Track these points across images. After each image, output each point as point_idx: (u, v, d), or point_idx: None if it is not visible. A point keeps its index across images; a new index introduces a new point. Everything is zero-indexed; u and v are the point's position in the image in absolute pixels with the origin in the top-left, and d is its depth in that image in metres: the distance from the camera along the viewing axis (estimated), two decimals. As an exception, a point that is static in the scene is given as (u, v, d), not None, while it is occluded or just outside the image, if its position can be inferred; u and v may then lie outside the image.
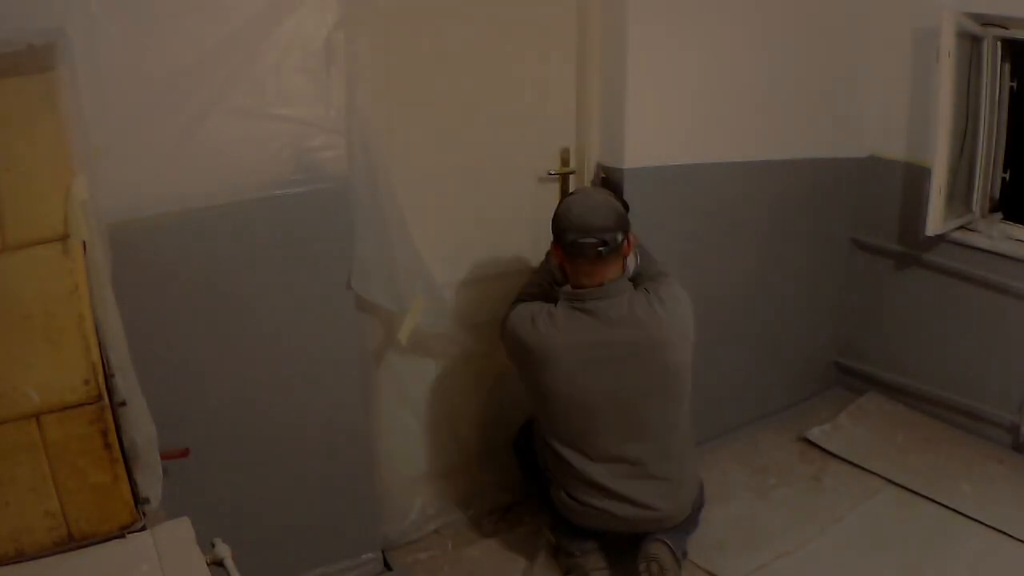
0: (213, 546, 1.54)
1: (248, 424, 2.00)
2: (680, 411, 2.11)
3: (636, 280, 2.14)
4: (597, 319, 2.03)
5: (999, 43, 2.76)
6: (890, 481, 2.68)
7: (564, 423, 2.09)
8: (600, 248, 1.98)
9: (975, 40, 2.74)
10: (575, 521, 2.17)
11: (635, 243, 2.14)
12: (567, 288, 2.08)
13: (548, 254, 2.24)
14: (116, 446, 1.33)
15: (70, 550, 1.31)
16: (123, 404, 1.38)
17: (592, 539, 2.21)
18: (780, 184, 2.87)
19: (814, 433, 2.96)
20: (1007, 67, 2.83)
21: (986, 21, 2.69)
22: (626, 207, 2.13)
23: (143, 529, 1.36)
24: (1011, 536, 2.36)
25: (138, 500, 1.38)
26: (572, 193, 2.11)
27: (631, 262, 2.13)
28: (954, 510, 2.50)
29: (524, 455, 2.37)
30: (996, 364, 2.86)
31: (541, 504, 2.37)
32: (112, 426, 1.33)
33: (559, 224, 2.04)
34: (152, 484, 1.41)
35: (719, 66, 2.58)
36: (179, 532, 1.36)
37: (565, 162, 2.54)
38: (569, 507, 2.15)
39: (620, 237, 2.01)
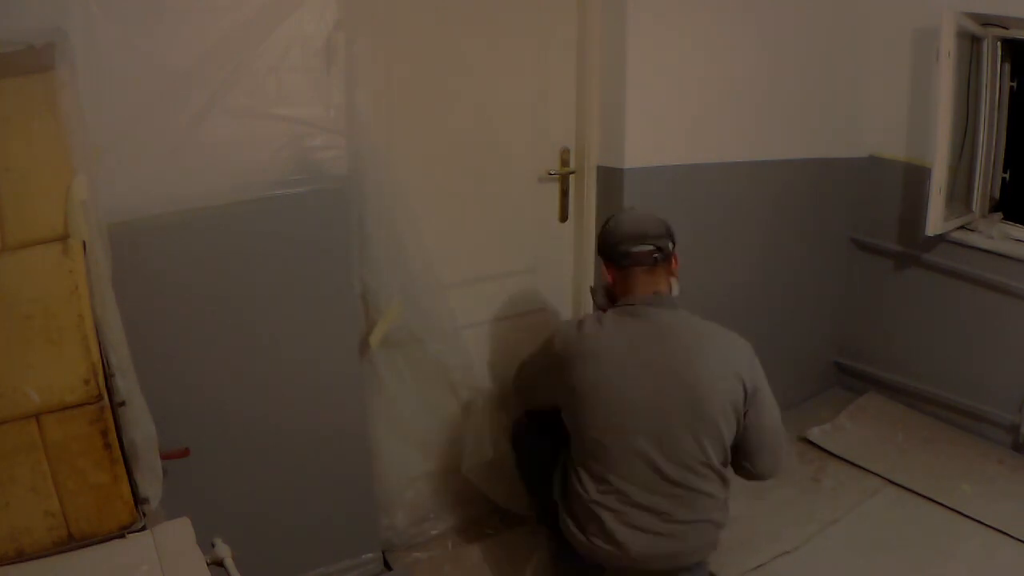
0: (213, 546, 1.54)
1: (248, 424, 2.00)
2: (714, 448, 1.91)
3: None
4: (646, 324, 1.96)
5: (999, 43, 2.77)
6: (890, 481, 2.68)
7: (594, 432, 1.94)
8: (655, 255, 1.99)
9: (975, 40, 2.74)
10: (580, 550, 2.00)
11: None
12: (620, 302, 2.03)
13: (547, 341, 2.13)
14: (116, 446, 1.33)
15: (70, 550, 1.31)
16: (123, 404, 1.38)
17: None
18: (780, 184, 2.87)
19: (814, 433, 2.96)
20: (1007, 67, 2.83)
21: (986, 21, 2.70)
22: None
23: (143, 529, 1.36)
24: (1011, 536, 2.36)
25: (138, 500, 1.38)
26: (613, 215, 2.08)
27: (675, 286, 2.10)
28: (954, 510, 2.50)
29: (525, 454, 2.29)
30: (996, 364, 2.86)
31: (548, 531, 2.22)
32: (112, 426, 1.33)
33: (611, 239, 2.03)
34: (152, 484, 1.42)
35: (719, 66, 2.59)
36: (179, 532, 1.36)
37: (565, 162, 2.54)
38: (576, 539, 1.99)
39: (670, 246, 2.03)
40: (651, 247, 1.99)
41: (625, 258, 1.99)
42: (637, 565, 1.94)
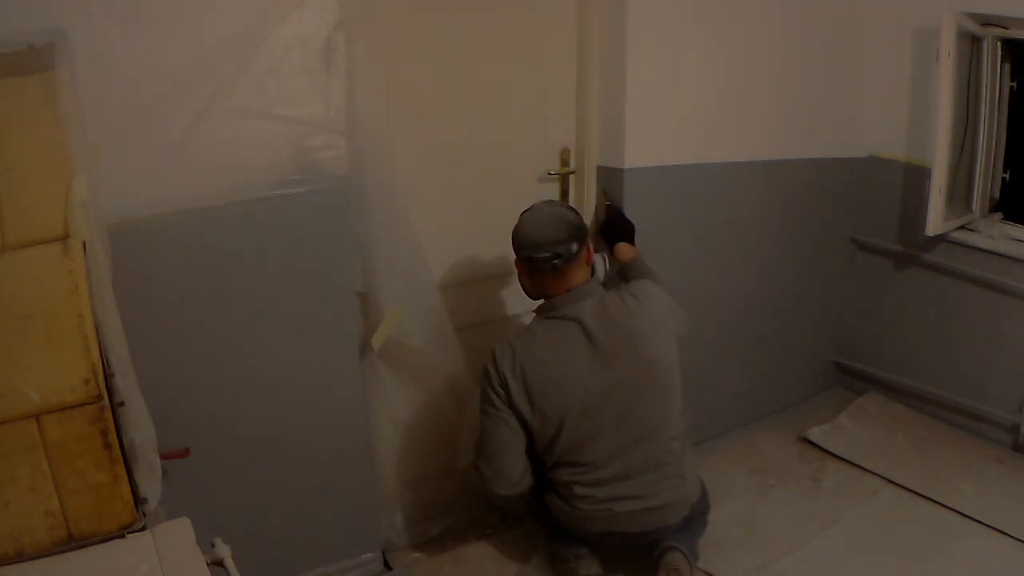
0: (213, 546, 1.54)
1: (248, 424, 2.00)
2: (670, 405, 2.10)
3: (611, 284, 2.24)
4: (573, 323, 2.07)
5: (999, 43, 2.77)
6: (890, 481, 2.68)
7: (561, 437, 2.06)
8: (555, 261, 2.05)
9: (975, 40, 2.74)
10: (574, 528, 2.15)
11: (603, 251, 2.27)
12: (541, 302, 2.15)
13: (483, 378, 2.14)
14: (116, 446, 1.34)
15: (70, 550, 1.31)
16: (122, 404, 1.38)
17: (584, 545, 2.18)
18: (780, 184, 2.87)
19: (814, 433, 2.96)
20: (1007, 67, 2.83)
21: (986, 21, 2.69)
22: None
23: (143, 529, 1.37)
24: (1011, 536, 2.36)
25: (138, 500, 1.38)
26: (528, 209, 2.14)
27: (599, 266, 2.22)
28: (954, 510, 2.50)
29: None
30: (996, 364, 2.86)
31: (536, 513, 2.34)
32: (112, 426, 1.33)
33: (515, 242, 2.11)
34: (151, 484, 1.42)
35: (719, 66, 2.58)
36: (179, 532, 1.36)
37: (565, 162, 2.54)
38: (567, 513, 2.13)
39: (575, 247, 2.07)
40: (548, 255, 2.05)
41: (528, 263, 2.09)
42: (628, 531, 2.10)
